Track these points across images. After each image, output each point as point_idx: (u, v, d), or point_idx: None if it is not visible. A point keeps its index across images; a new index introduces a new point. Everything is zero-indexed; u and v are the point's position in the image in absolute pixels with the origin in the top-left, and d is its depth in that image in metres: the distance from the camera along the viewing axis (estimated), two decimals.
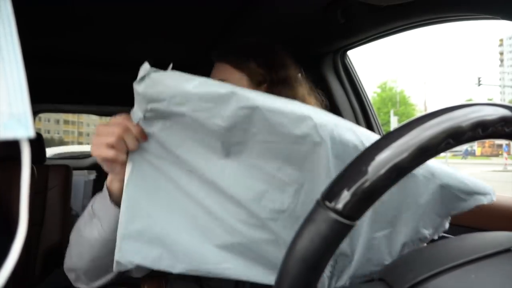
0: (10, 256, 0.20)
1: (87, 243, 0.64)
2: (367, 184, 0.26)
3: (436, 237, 0.59)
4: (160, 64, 1.96)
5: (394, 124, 21.67)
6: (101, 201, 0.64)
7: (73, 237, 0.68)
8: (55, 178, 1.85)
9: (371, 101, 1.43)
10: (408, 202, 0.54)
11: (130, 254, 0.54)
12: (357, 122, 1.37)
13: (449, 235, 0.92)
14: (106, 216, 0.62)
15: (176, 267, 0.54)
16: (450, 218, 0.60)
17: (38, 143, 1.89)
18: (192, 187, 0.55)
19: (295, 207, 0.53)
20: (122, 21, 1.28)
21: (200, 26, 1.31)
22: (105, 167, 0.59)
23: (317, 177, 0.51)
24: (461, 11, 0.83)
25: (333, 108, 1.35)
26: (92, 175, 2.56)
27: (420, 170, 0.51)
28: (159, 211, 0.55)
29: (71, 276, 0.71)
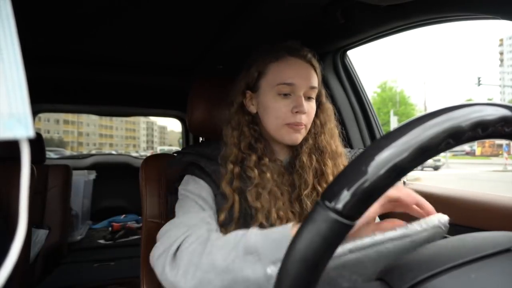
0: (10, 256, 0.20)
1: (230, 276, 0.57)
2: (367, 184, 0.26)
3: None
4: (159, 64, 1.97)
5: (394, 124, 21.66)
6: (274, 244, 0.57)
7: (196, 260, 0.60)
8: (55, 178, 1.85)
9: (371, 101, 1.43)
10: None
11: None
12: (357, 122, 1.37)
13: (449, 235, 0.92)
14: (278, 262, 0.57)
15: None
16: None
17: (38, 143, 1.89)
18: None
19: None
20: (122, 22, 1.28)
21: (199, 27, 1.31)
22: None
23: None
24: (461, 11, 0.83)
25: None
26: (92, 175, 2.56)
27: None
28: None
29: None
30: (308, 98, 0.82)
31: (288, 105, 0.79)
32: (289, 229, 0.58)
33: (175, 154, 0.91)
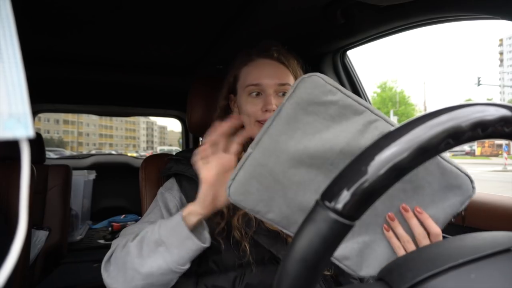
0: (10, 256, 0.20)
1: (146, 269, 0.66)
2: (366, 184, 0.26)
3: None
4: (159, 64, 1.97)
5: None
6: (173, 232, 0.67)
7: (122, 260, 0.69)
8: (55, 178, 1.85)
9: (371, 101, 1.43)
10: None
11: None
12: None
13: (449, 235, 0.92)
14: (181, 247, 0.66)
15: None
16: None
17: (37, 143, 1.89)
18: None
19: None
20: (122, 22, 1.28)
21: (199, 27, 1.31)
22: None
23: None
24: (461, 11, 0.83)
25: None
26: (92, 175, 2.56)
27: None
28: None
29: None
30: (283, 95, 0.84)
31: (258, 104, 0.83)
32: (180, 214, 0.68)
33: (173, 156, 0.96)
